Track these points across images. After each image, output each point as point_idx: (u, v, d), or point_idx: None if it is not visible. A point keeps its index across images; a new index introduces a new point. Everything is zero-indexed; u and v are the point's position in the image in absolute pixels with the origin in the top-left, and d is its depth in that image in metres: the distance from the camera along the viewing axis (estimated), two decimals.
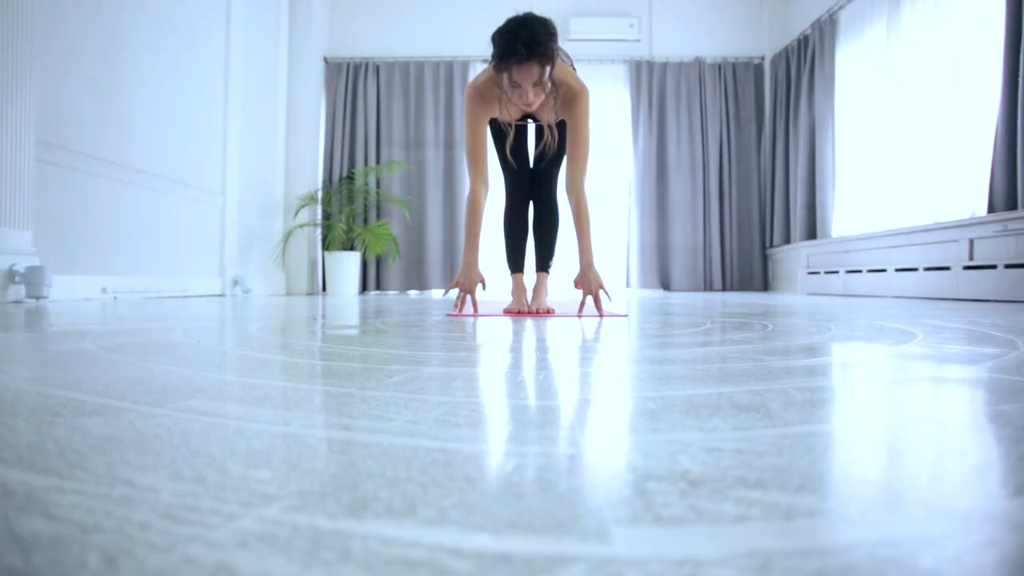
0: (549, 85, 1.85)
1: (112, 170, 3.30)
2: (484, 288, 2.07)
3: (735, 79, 6.18)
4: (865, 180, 4.56)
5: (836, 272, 4.53)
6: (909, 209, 3.97)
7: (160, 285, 3.70)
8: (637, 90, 6.13)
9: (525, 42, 1.73)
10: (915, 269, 3.65)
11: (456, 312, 2.00)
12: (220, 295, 4.39)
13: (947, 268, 3.41)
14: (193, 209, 4.15)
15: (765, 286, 6.20)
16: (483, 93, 1.99)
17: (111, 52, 3.27)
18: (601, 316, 1.89)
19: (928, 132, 3.86)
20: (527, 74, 1.78)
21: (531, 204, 2.38)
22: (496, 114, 2.06)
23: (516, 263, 2.37)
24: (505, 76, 1.81)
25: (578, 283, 1.97)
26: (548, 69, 1.79)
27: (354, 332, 1.35)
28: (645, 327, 1.50)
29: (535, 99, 1.84)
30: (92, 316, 1.79)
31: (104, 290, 3.16)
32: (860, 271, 4.20)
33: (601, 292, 1.94)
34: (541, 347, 1.07)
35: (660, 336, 1.24)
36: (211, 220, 4.41)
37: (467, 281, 2.00)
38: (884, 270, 3.93)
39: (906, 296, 3.68)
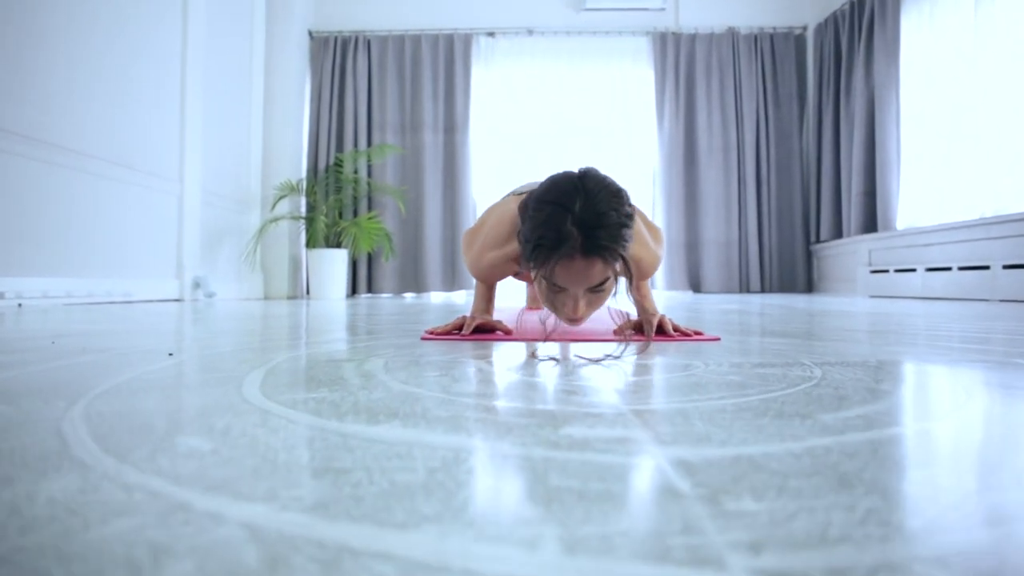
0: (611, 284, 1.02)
1: (21, 145, 2.59)
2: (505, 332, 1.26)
3: (773, 52, 5.45)
4: (943, 162, 3.81)
5: (912, 270, 3.77)
6: (1013, 194, 3.23)
7: (90, 289, 2.99)
8: (662, 65, 5.40)
9: (584, 223, 0.91)
10: None
11: (435, 333, 1.24)
12: (177, 300, 3.68)
13: None
14: (141, 198, 3.44)
15: (809, 287, 5.45)
16: (494, 263, 1.25)
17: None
18: (678, 338, 1.17)
19: None
20: (581, 276, 0.96)
21: None
22: (512, 273, 1.35)
23: None
24: (541, 273, 0.97)
25: (634, 329, 1.15)
26: (617, 267, 0.96)
27: (200, 396, 0.63)
28: (810, 388, 0.77)
29: (584, 312, 1.01)
30: None
31: (1, 295, 2.45)
32: (948, 268, 3.45)
33: (668, 321, 1.20)
34: None
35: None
36: (166, 212, 3.70)
37: (472, 320, 1.26)
38: (987, 267, 3.18)
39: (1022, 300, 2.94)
